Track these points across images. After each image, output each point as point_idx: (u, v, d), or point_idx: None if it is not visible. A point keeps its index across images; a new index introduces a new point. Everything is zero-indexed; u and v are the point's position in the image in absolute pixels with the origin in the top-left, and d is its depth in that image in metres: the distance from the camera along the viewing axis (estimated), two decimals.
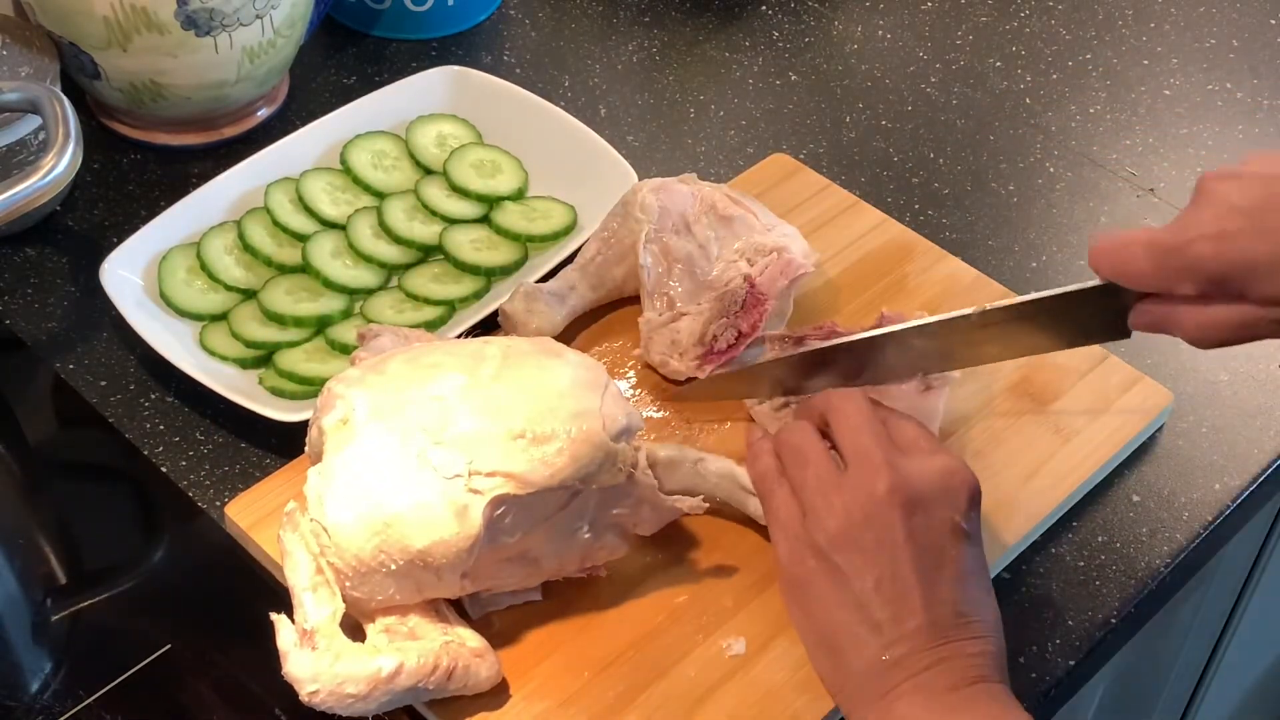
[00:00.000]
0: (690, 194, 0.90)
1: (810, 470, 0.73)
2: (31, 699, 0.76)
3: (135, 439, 0.87)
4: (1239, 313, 0.70)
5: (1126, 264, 0.72)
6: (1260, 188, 0.69)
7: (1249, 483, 0.88)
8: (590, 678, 0.75)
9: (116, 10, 0.94)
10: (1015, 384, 0.89)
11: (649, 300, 0.88)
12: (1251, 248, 0.68)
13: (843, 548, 0.71)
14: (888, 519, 0.71)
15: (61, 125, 0.84)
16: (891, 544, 0.70)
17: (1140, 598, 0.82)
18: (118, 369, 0.91)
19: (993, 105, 1.13)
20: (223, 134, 1.05)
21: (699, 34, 1.18)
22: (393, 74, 1.10)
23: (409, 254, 0.95)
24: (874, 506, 0.71)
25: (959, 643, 0.69)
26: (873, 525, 0.71)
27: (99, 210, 1.01)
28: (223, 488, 0.85)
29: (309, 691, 0.69)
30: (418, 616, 0.72)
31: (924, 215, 1.03)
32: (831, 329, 0.85)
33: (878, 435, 0.73)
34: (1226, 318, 0.70)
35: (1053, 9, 1.22)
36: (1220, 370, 0.94)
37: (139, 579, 0.83)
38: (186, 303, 0.91)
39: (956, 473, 0.72)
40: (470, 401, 0.72)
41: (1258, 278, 0.68)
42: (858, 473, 0.72)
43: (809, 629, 0.73)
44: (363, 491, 0.70)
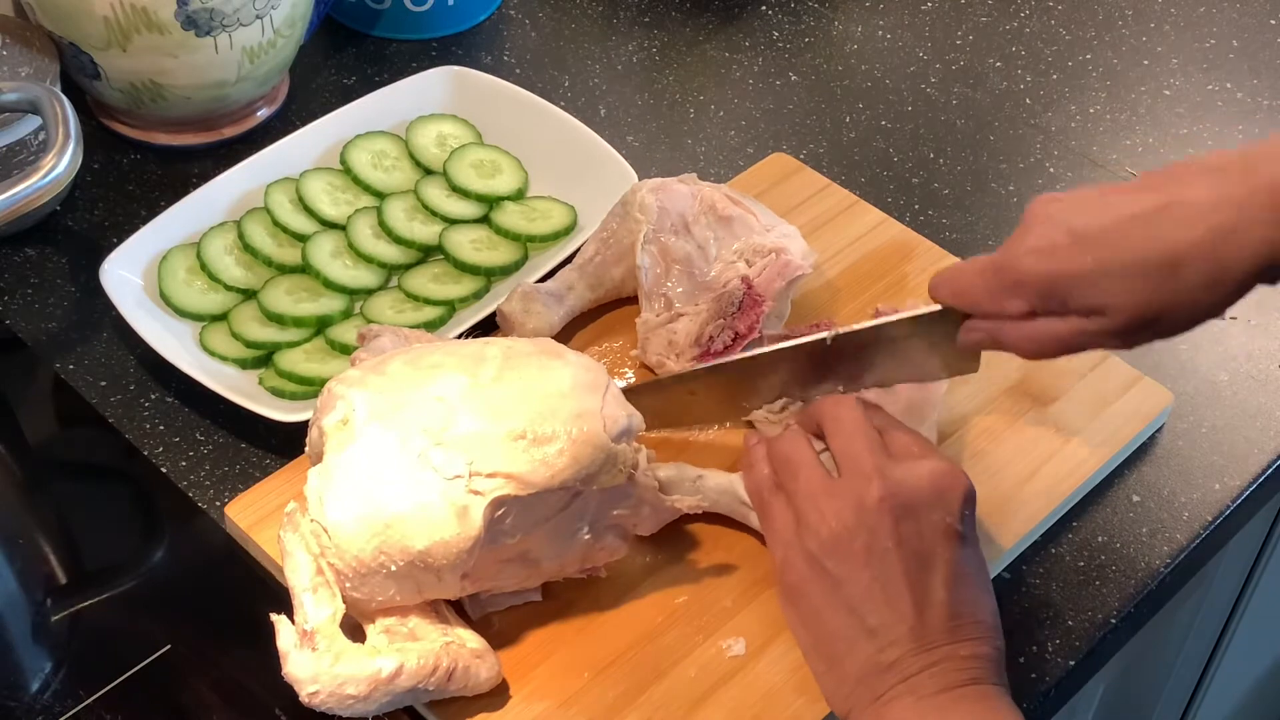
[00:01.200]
0: (690, 194, 0.90)
1: (801, 479, 0.74)
2: (31, 699, 0.76)
3: (135, 439, 0.87)
4: (1065, 326, 0.72)
5: (959, 286, 0.76)
6: (1080, 209, 0.71)
7: (1249, 483, 0.88)
8: (590, 678, 0.75)
9: (116, 10, 0.94)
10: (1015, 384, 0.89)
11: (647, 301, 0.88)
12: (1073, 260, 0.70)
13: (834, 554, 0.72)
14: (878, 525, 0.71)
15: (61, 125, 0.84)
16: (882, 550, 0.71)
17: (1140, 598, 0.82)
18: (118, 369, 0.91)
19: (993, 105, 1.13)
20: (223, 134, 1.05)
21: (699, 34, 1.18)
22: (393, 74, 1.10)
23: (409, 254, 0.95)
24: (864, 513, 0.71)
25: (952, 645, 0.70)
26: (863, 532, 0.71)
27: (99, 210, 1.01)
28: (223, 488, 0.85)
29: (309, 692, 0.69)
30: (418, 617, 0.72)
31: (924, 215, 1.03)
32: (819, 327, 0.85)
33: (870, 441, 0.74)
34: (1053, 331, 0.73)
35: (1053, 9, 1.22)
36: (1220, 370, 0.94)
37: (139, 579, 0.83)
38: (186, 303, 0.91)
39: (948, 476, 0.73)
40: (471, 402, 0.72)
41: (1080, 289, 0.71)
42: (849, 480, 0.73)
43: (805, 635, 0.73)
44: (363, 492, 0.70)
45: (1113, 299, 0.70)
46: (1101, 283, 0.70)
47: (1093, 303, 0.71)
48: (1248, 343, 0.96)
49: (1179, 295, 0.69)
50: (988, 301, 0.74)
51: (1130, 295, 0.70)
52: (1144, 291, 0.69)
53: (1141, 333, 0.71)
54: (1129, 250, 0.69)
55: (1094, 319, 0.71)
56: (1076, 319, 0.72)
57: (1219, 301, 0.70)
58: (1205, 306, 0.70)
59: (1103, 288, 0.70)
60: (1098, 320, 0.71)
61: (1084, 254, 0.70)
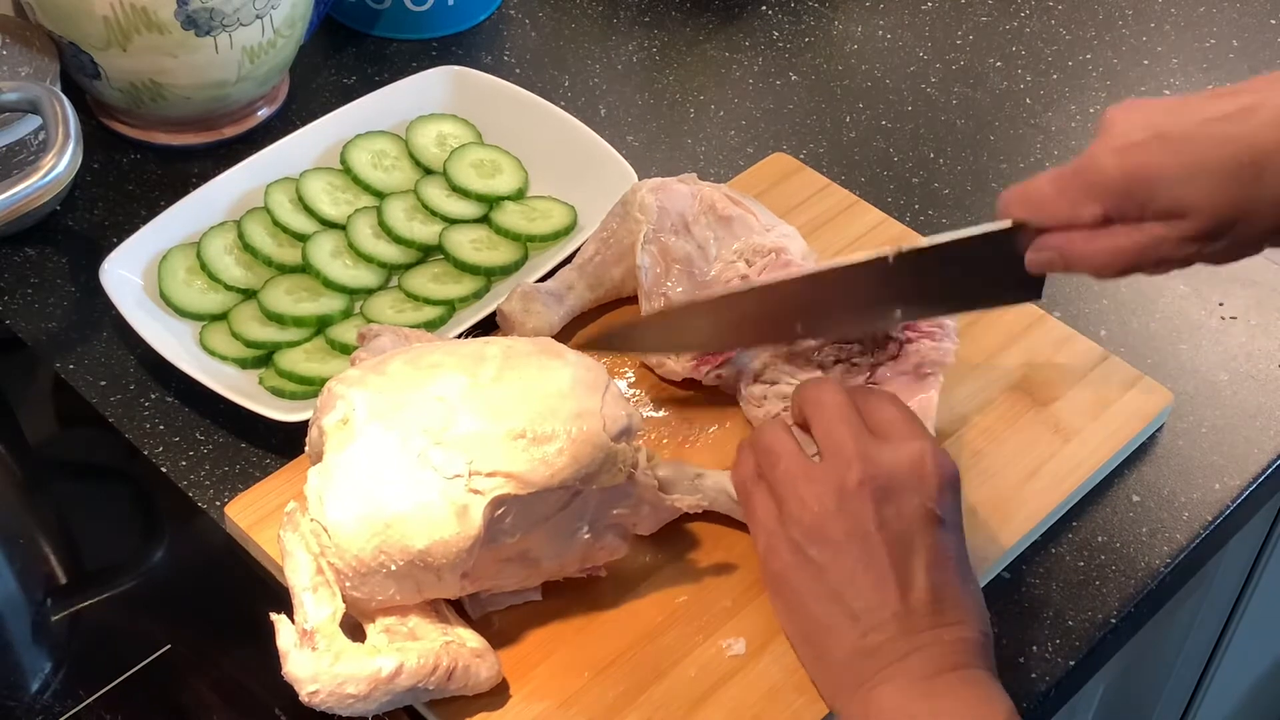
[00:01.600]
0: (689, 194, 0.90)
1: (781, 467, 0.74)
2: (31, 699, 0.76)
3: (135, 439, 0.87)
4: (1141, 234, 0.70)
5: (1032, 196, 0.73)
6: (1163, 111, 0.70)
7: (1249, 483, 0.88)
8: (590, 678, 0.75)
9: (116, 10, 0.94)
10: (1015, 384, 0.89)
11: (647, 301, 0.88)
12: (1156, 158, 0.68)
13: (816, 540, 0.72)
14: (859, 509, 0.71)
15: (61, 125, 0.84)
16: (863, 534, 0.71)
17: (1140, 598, 0.82)
18: (118, 369, 0.91)
19: (993, 105, 1.13)
20: (223, 134, 1.05)
21: (699, 34, 1.18)
22: (393, 74, 1.10)
23: (409, 254, 0.95)
24: (844, 498, 0.71)
25: (936, 630, 0.70)
26: (844, 516, 0.71)
27: (99, 210, 1.01)
28: (223, 488, 0.85)
29: (309, 692, 0.69)
30: (418, 617, 0.72)
31: (924, 215, 1.03)
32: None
33: (851, 424, 0.73)
34: (1129, 240, 0.70)
35: (1053, 9, 1.22)
36: (1220, 370, 0.94)
37: (139, 579, 0.83)
38: (186, 303, 0.91)
39: (929, 458, 0.72)
40: (471, 402, 0.72)
41: (1162, 188, 0.68)
42: (829, 465, 0.73)
43: (791, 623, 0.74)
44: (363, 492, 0.70)
45: (1195, 199, 0.68)
46: (1185, 182, 0.68)
47: (1173, 204, 0.68)
48: (1248, 343, 0.96)
49: (1262, 197, 0.67)
50: (1062, 206, 0.71)
51: (1213, 196, 0.68)
52: (1227, 192, 0.68)
53: (1219, 239, 0.69)
54: (1214, 149, 0.68)
55: (1173, 223, 0.69)
56: (1153, 226, 0.69)
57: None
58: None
59: (1186, 187, 0.68)
60: (1176, 225, 0.69)
61: (1168, 152, 0.68)
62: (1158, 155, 0.68)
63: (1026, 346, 0.91)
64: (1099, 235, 0.71)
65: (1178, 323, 0.97)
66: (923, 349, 0.84)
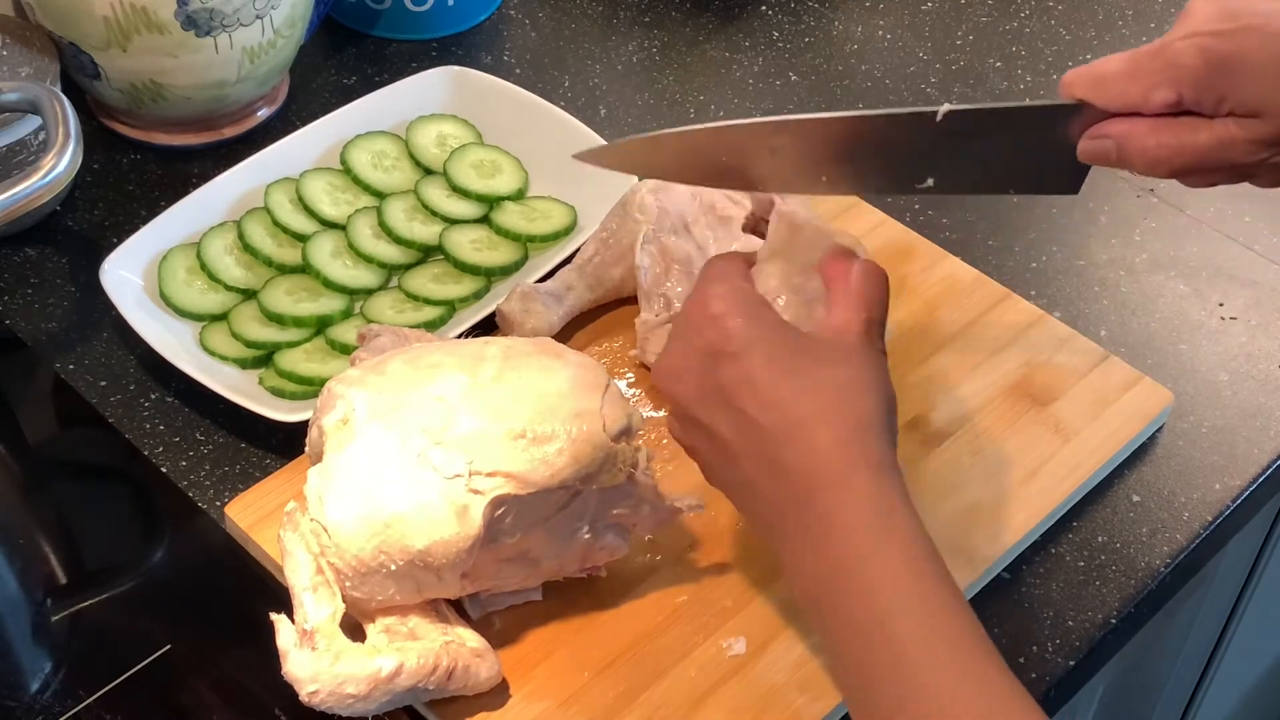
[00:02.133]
0: (689, 194, 0.90)
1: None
2: (31, 699, 0.76)
3: (135, 439, 0.87)
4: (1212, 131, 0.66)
5: (1100, 73, 0.68)
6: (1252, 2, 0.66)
7: (1249, 483, 0.88)
8: (590, 678, 0.75)
9: (116, 10, 0.94)
10: (1015, 384, 0.89)
11: (646, 301, 0.88)
12: (1240, 43, 0.65)
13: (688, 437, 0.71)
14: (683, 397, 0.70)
15: (61, 125, 0.84)
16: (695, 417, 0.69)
17: (1140, 598, 0.82)
18: (118, 369, 0.91)
19: None
20: (223, 134, 1.05)
21: (699, 34, 1.18)
22: (393, 74, 1.10)
23: (409, 254, 0.95)
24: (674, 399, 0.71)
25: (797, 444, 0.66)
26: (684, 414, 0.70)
27: (99, 210, 1.01)
28: (223, 488, 0.85)
29: (309, 691, 0.69)
30: (418, 617, 0.72)
31: (924, 215, 1.03)
32: None
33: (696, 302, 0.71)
34: (1198, 136, 0.66)
35: (1053, 9, 1.22)
36: (1220, 370, 0.94)
37: (139, 579, 0.83)
38: (186, 303, 0.91)
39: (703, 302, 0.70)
40: (471, 402, 0.72)
41: (1247, 78, 0.65)
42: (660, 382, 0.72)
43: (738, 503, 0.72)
44: (363, 492, 0.70)
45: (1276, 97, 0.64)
46: (1269, 77, 0.64)
47: (1254, 99, 0.65)
48: (1248, 343, 0.96)
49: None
50: (1133, 88, 0.66)
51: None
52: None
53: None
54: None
55: (1246, 123, 0.65)
56: (1226, 123, 0.66)
57: None
58: None
59: (1269, 83, 0.64)
60: (1251, 125, 0.65)
61: (1255, 43, 0.64)
62: (1244, 44, 0.64)
63: (1026, 346, 0.91)
64: (1165, 126, 0.67)
65: (1178, 323, 0.97)
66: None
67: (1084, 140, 0.69)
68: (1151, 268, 1.00)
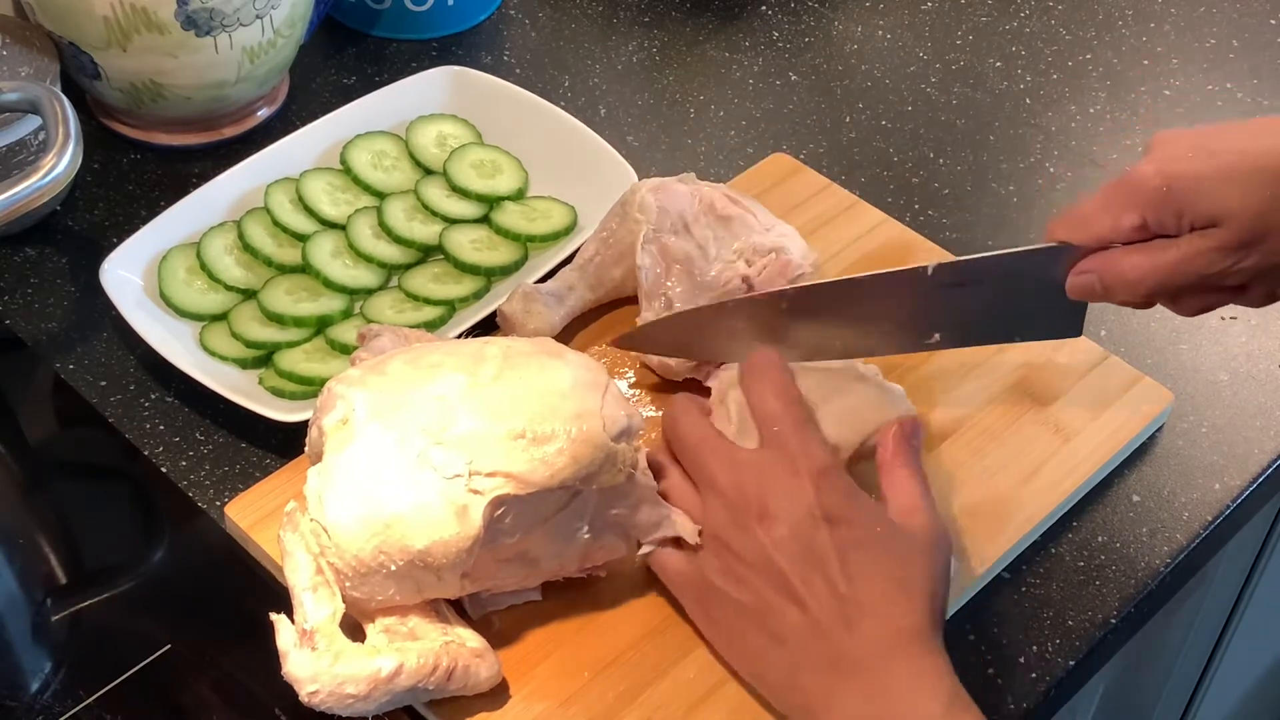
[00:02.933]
0: (689, 194, 0.90)
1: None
2: (31, 699, 0.76)
3: (135, 439, 0.87)
4: (1178, 247, 0.72)
5: (1075, 214, 0.75)
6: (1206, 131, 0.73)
7: (1249, 483, 0.88)
8: (590, 678, 0.75)
9: (116, 10, 0.94)
10: (1015, 384, 0.89)
11: (647, 301, 0.88)
12: (1194, 166, 0.71)
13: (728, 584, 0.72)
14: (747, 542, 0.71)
15: (61, 125, 0.84)
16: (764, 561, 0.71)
17: (1140, 598, 0.82)
18: (118, 369, 0.91)
19: (993, 105, 1.13)
20: (223, 134, 1.05)
21: (699, 34, 1.18)
22: (393, 74, 1.10)
23: (409, 254, 0.95)
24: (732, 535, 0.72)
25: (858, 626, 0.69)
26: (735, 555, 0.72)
27: (99, 210, 1.01)
28: (223, 488, 0.85)
29: (309, 692, 0.69)
30: (418, 617, 0.72)
31: (924, 215, 1.03)
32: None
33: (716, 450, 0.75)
34: (1166, 255, 0.72)
35: (1053, 9, 1.22)
36: (1220, 370, 0.94)
37: (139, 579, 0.83)
38: (186, 303, 0.91)
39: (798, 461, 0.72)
40: (471, 402, 0.72)
41: (1198, 193, 0.70)
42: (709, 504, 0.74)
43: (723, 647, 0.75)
44: (363, 492, 0.70)
45: (1229, 203, 0.70)
46: (1220, 186, 0.70)
47: (1210, 209, 0.70)
48: (1248, 343, 0.96)
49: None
50: (1104, 220, 0.73)
51: (1246, 200, 0.70)
52: (1262, 198, 0.70)
53: (1255, 246, 0.71)
54: (1250, 157, 0.70)
55: (1208, 233, 0.71)
56: (1190, 238, 0.71)
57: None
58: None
59: (1221, 191, 0.70)
60: (1212, 234, 0.71)
61: (1206, 161, 0.71)
62: (1195, 164, 0.71)
63: (1026, 346, 0.90)
64: (1137, 249, 0.73)
65: (1178, 323, 0.97)
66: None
67: (1070, 278, 0.76)
68: None
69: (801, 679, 0.70)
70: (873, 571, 0.69)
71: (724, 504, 0.73)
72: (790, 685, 0.71)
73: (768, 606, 0.71)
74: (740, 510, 0.72)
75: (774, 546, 0.70)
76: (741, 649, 0.73)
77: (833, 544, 0.70)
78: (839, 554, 0.69)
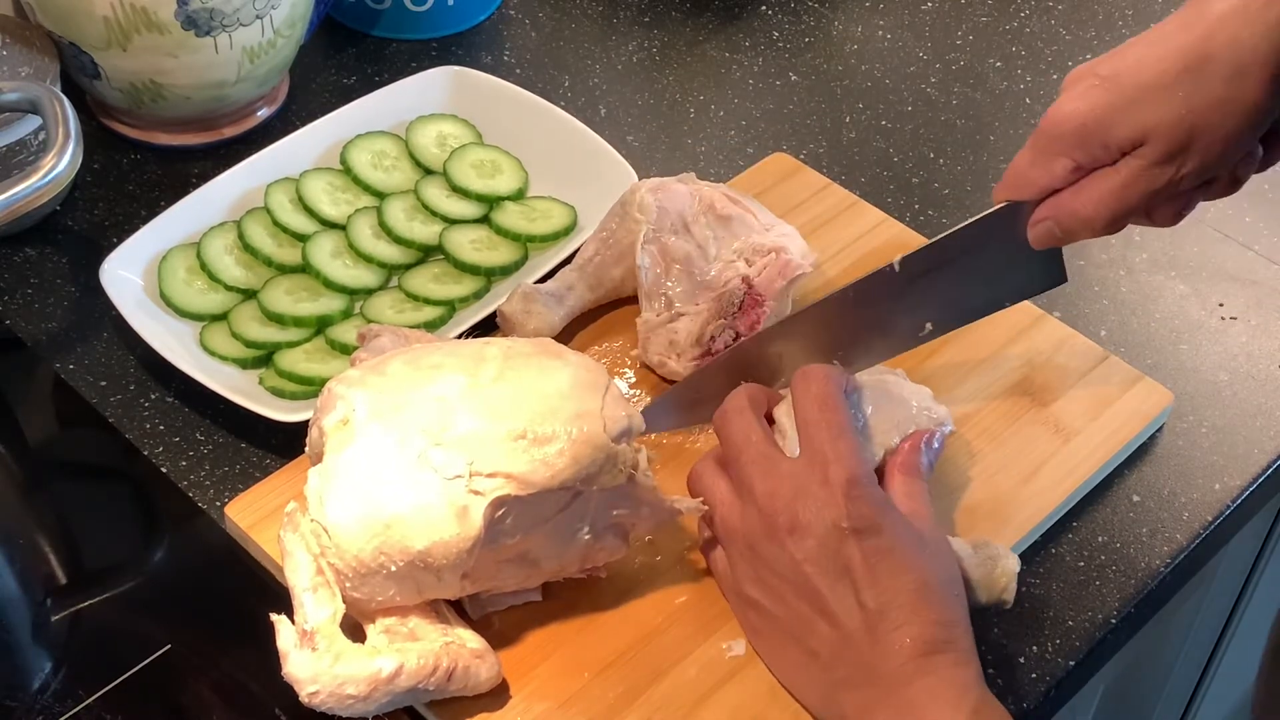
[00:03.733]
0: (689, 194, 0.90)
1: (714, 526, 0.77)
2: (31, 699, 0.76)
3: (135, 439, 0.87)
4: (1118, 173, 0.72)
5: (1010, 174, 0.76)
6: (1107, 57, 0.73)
7: (1249, 483, 0.88)
8: (590, 678, 0.75)
9: (116, 10, 0.94)
10: (1015, 384, 0.89)
11: (647, 300, 0.88)
12: (1103, 95, 0.71)
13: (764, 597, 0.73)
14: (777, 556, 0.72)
15: (61, 125, 0.84)
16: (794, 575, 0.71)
17: (1140, 598, 0.82)
18: (118, 369, 0.91)
19: (993, 105, 1.13)
20: (223, 134, 1.05)
21: (699, 34, 1.18)
22: (393, 74, 1.10)
23: (409, 254, 0.95)
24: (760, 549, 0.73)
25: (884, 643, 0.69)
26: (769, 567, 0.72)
27: (99, 210, 1.01)
28: (223, 488, 0.85)
29: (309, 692, 0.69)
30: (418, 617, 0.72)
31: (924, 215, 1.03)
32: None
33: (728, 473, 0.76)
34: (1109, 183, 0.72)
35: (1053, 9, 1.22)
36: (1220, 370, 0.94)
37: (139, 579, 0.83)
38: (186, 303, 0.91)
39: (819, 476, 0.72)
40: (471, 402, 0.72)
41: (1115, 121, 0.71)
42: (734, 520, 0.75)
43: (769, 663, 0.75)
44: (363, 492, 0.70)
45: (1148, 119, 0.70)
46: (1134, 105, 0.70)
47: (1132, 131, 0.71)
48: (1248, 343, 0.96)
49: (1210, 98, 0.69)
50: (1035, 171, 0.74)
51: (1162, 112, 0.70)
52: (1176, 104, 0.70)
53: (1187, 151, 0.71)
54: (1151, 70, 0.70)
55: (1140, 151, 0.71)
56: (1125, 161, 0.72)
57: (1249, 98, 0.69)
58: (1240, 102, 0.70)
59: (1136, 110, 0.70)
60: (1143, 152, 0.71)
61: (1110, 88, 0.71)
62: (1104, 93, 0.71)
63: (1026, 346, 0.91)
64: (1082, 187, 0.73)
65: (1178, 323, 0.97)
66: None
67: (1029, 232, 0.76)
68: (1151, 268, 1.00)
69: (837, 695, 0.70)
70: (901, 583, 0.70)
71: (758, 513, 0.73)
72: (827, 700, 0.71)
73: (800, 620, 0.71)
74: (772, 520, 0.72)
75: (804, 559, 0.71)
76: (782, 662, 0.74)
77: (861, 556, 0.70)
78: (867, 566, 0.70)
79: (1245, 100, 0.69)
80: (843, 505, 0.70)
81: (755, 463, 0.74)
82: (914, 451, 0.77)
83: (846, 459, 0.72)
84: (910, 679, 0.68)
